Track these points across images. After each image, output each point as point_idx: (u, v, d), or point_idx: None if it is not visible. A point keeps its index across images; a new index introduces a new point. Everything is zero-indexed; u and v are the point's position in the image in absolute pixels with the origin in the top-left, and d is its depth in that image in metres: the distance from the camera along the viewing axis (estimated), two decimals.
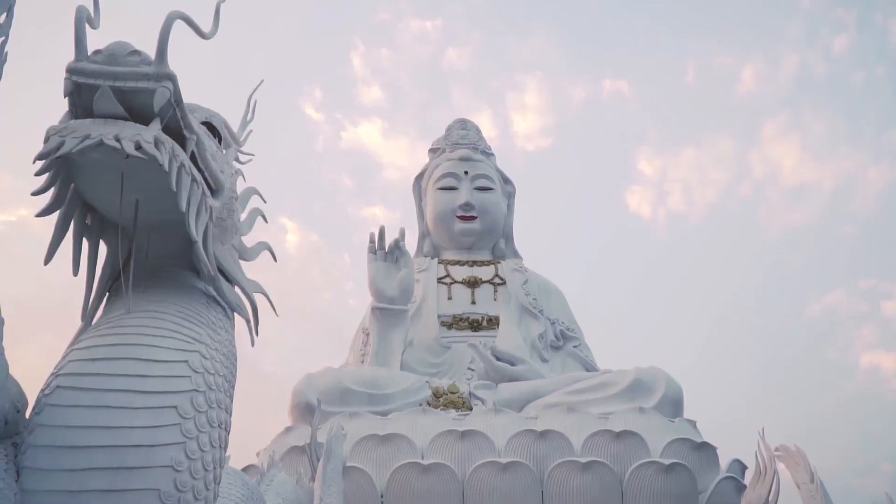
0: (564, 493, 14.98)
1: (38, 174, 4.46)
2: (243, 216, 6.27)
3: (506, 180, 25.99)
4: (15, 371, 4.33)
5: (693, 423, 17.20)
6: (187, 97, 4.70)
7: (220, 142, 5.74)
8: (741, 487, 14.96)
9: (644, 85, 53.48)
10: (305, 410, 17.20)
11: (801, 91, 49.65)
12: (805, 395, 43.87)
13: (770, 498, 12.03)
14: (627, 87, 54.32)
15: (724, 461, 16.18)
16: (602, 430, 15.71)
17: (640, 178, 54.23)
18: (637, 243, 52.59)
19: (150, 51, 4.49)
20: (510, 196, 25.96)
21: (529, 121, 54.55)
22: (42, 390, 4.35)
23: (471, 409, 17.69)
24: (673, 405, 17.70)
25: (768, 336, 46.86)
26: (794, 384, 44.36)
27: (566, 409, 16.81)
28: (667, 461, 15.05)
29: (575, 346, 22.51)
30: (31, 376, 4.66)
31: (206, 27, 5.22)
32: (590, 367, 21.79)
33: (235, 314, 5.66)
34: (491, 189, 24.96)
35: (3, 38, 4.25)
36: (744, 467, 16.44)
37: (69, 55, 4.41)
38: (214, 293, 5.37)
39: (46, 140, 4.24)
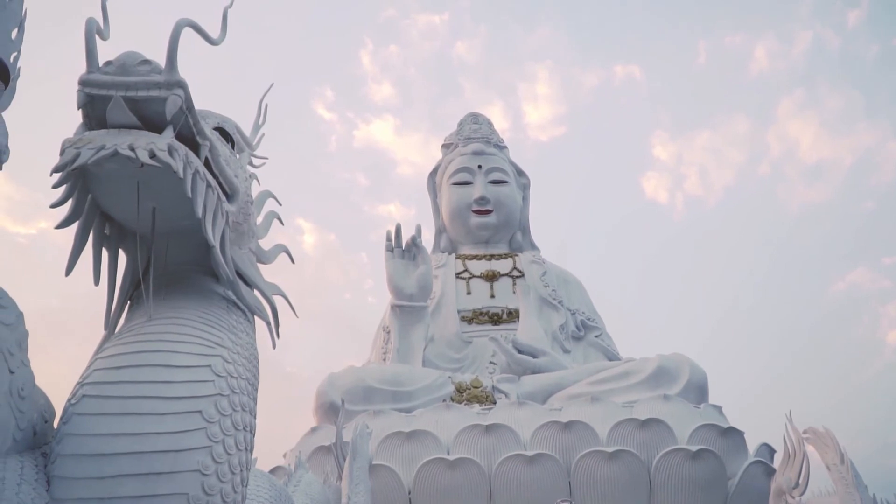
0: (592, 484, 14.94)
1: (55, 186, 4.50)
2: (259, 219, 6.30)
3: (520, 173, 25.91)
4: (41, 382, 4.38)
5: (719, 409, 17.09)
6: (199, 103, 4.72)
7: (233, 146, 5.77)
8: (770, 471, 14.84)
9: (655, 69, 53.12)
10: (330, 410, 17.29)
11: (816, 67, 49.09)
12: (832, 375, 43.48)
13: (800, 481, 11.92)
14: (639, 72, 53.95)
15: (751, 445, 16.07)
16: (627, 418, 15.65)
17: (656, 163, 53.88)
18: (655, 229, 52.28)
19: (160, 59, 4.52)
20: (525, 188, 25.88)
21: (541, 111, 54.36)
22: (68, 400, 4.39)
23: (494, 403, 17.68)
24: (698, 391, 17.59)
25: (792, 317, 46.48)
26: (820, 364, 43.96)
27: (590, 399, 16.75)
28: (694, 448, 14.97)
29: (596, 336, 22.42)
30: (58, 386, 4.72)
31: (213, 33, 5.25)
32: (612, 356, 21.70)
33: (256, 317, 5.70)
34: (505, 182, 24.90)
35: (15, 53, 4.30)
36: (772, 451, 16.32)
37: (82, 67, 4.45)
38: (234, 297, 5.40)
39: (62, 152, 4.27)
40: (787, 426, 12.52)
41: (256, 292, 5.76)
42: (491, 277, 23.09)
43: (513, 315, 21.84)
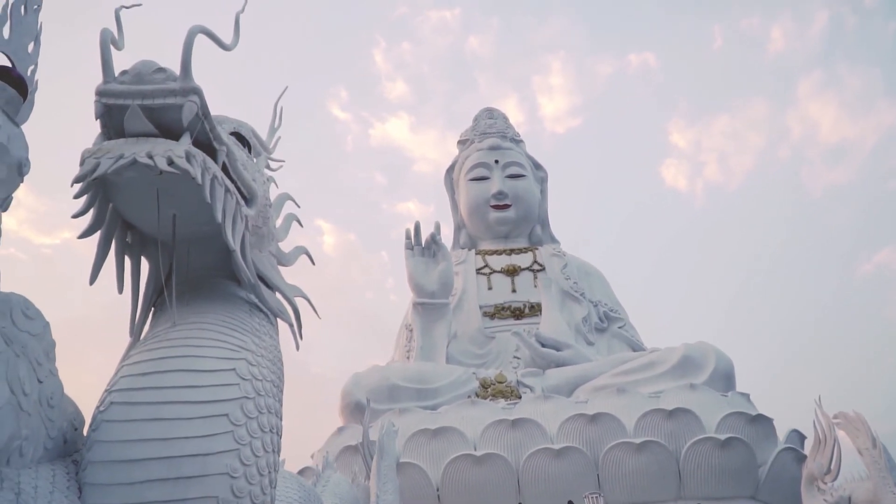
0: (621, 475, 14.88)
1: (76, 197, 4.55)
2: (279, 222, 6.33)
3: (537, 166, 25.83)
4: (69, 390, 4.43)
5: (746, 396, 16.95)
6: (213, 107, 4.74)
7: (249, 151, 5.80)
8: (801, 458, 14.71)
9: (670, 55, 52.73)
10: (356, 410, 17.37)
11: (834, 47, 48.48)
12: (861, 358, 42.95)
13: (832, 466, 11.80)
14: (654, 60, 53.57)
15: (781, 432, 15.93)
16: (654, 409, 15.57)
17: (674, 150, 53.50)
18: (675, 217, 51.91)
19: (175, 66, 4.54)
20: (543, 181, 25.80)
21: (557, 102, 54.15)
22: (97, 407, 4.44)
23: (519, 398, 17.67)
24: (724, 379, 17.46)
25: (819, 300, 45.97)
26: (849, 347, 43.42)
27: (616, 390, 16.69)
28: (722, 436, 14.87)
29: (620, 327, 22.33)
30: (86, 394, 4.77)
31: (226, 38, 5.27)
32: (637, 346, 21.60)
33: (278, 319, 5.73)
34: (523, 176, 24.84)
35: (32, 66, 4.35)
36: (802, 437, 16.16)
37: (98, 78, 4.49)
38: (256, 300, 5.44)
39: (82, 163, 4.32)
40: (816, 411, 12.40)
41: (278, 295, 5.79)
42: (512, 272, 23.06)
43: (535, 309, 21.80)
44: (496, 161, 24.73)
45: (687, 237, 51.07)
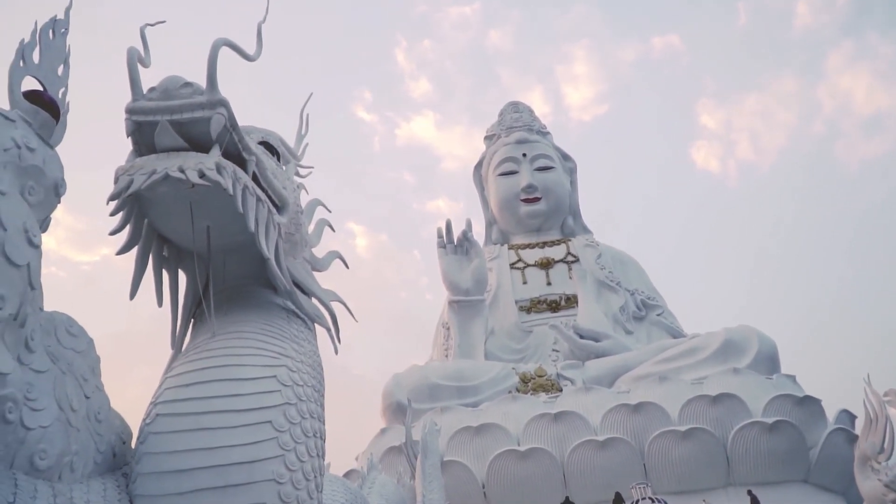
0: (667, 464, 14.74)
1: (112, 214, 4.63)
2: (311, 228, 6.38)
3: (565, 157, 25.69)
4: (116, 404, 4.51)
5: (792, 378, 16.68)
6: (239, 116, 4.78)
7: (278, 159, 5.85)
8: (853, 438, 14.42)
9: (695, 36, 52.01)
10: (397, 410, 17.45)
11: (862, 16, 47.39)
12: None
13: (885, 446, 11.56)
14: (678, 42, 52.91)
15: (830, 413, 15.65)
16: (698, 395, 15.40)
17: (704, 132, 52.77)
18: (709, 199, 51.18)
19: (200, 79, 4.60)
20: (572, 172, 25.66)
21: (582, 91, 53.75)
22: (143, 420, 4.51)
23: (560, 391, 17.60)
24: (769, 362, 17.20)
25: (860, 276, 45.00)
26: (892, 323, 42.40)
27: (658, 378, 16.54)
28: (770, 420, 14.65)
29: (658, 315, 22.12)
30: (132, 407, 4.85)
31: (249, 49, 5.32)
32: (676, 333, 21.38)
33: (316, 324, 5.78)
34: (552, 168, 24.72)
35: (62, 88, 4.42)
36: (853, 417, 15.85)
37: (127, 95, 4.56)
38: (293, 307, 5.48)
39: (116, 180, 4.39)
40: (866, 390, 12.17)
41: (314, 300, 5.83)
42: (546, 265, 22.97)
43: (571, 301, 21.70)
44: (524, 154, 24.67)
45: (722, 218, 50.35)
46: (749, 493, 13.86)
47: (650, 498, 12.71)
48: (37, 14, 4.38)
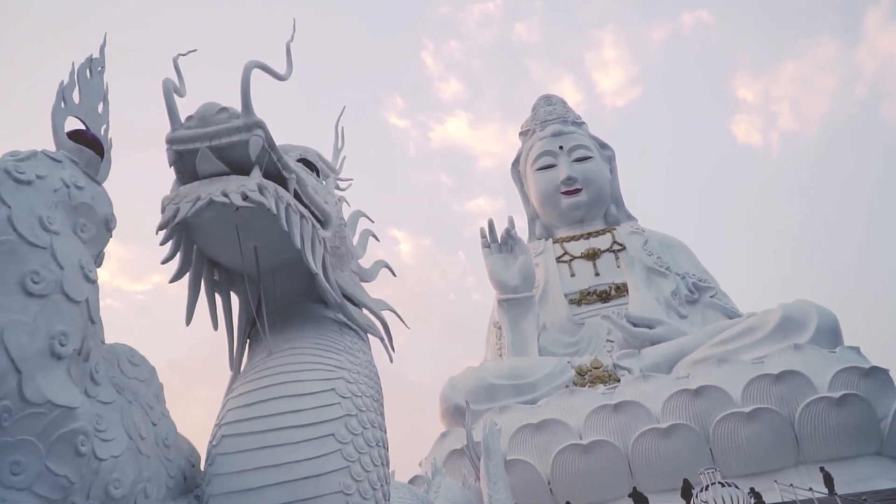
0: (734, 447, 14.48)
1: (162, 243, 4.74)
2: (355, 240, 6.44)
3: (603, 145, 25.46)
4: (182, 428, 4.61)
5: (857, 350, 16.25)
6: (278, 137, 4.85)
7: (318, 174, 5.91)
8: None
9: (725, 8, 51.02)
10: (456, 413, 17.50)
11: None
12: None
13: None
14: (708, 16, 51.96)
15: None
16: (759, 375, 15.11)
17: (743, 105, 51.71)
18: (753, 173, 50.09)
19: (235, 102, 4.67)
20: (610, 160, 25.42)
21: (613, 76, 53.15)
22: (210, 442, 4.60)
23: (618, 381, 17.45)
24: (830, 335, 16.80)
25: None
26: None
27: (717, 361, 16.27)
28: (837, 394, 14.29)
29: (712, 296, 21.76)
30: (194, 431, 4.95)
31: (280, 68, 5.38)
32: (732, 313, 21.00)
33: (369, 335, 5.83)
34: (590, 158, 24.53)
35: (104, 125, 4.54)
36: None
37: (165, 126, 4.66)
38: (345, 319, 5.54)
39: (163, 210, 4.49)
40: None
41: (365, 311, 5.88)
42: (592, 256, 22.79)
43: (621, 290, 21.50)
44: (560, 147, 24.55)
45: (767, 191, 49.30)
46: (822, 469, 13.53)
47: (720, 482, 12.50)
48: (71, 53, 4.50)
